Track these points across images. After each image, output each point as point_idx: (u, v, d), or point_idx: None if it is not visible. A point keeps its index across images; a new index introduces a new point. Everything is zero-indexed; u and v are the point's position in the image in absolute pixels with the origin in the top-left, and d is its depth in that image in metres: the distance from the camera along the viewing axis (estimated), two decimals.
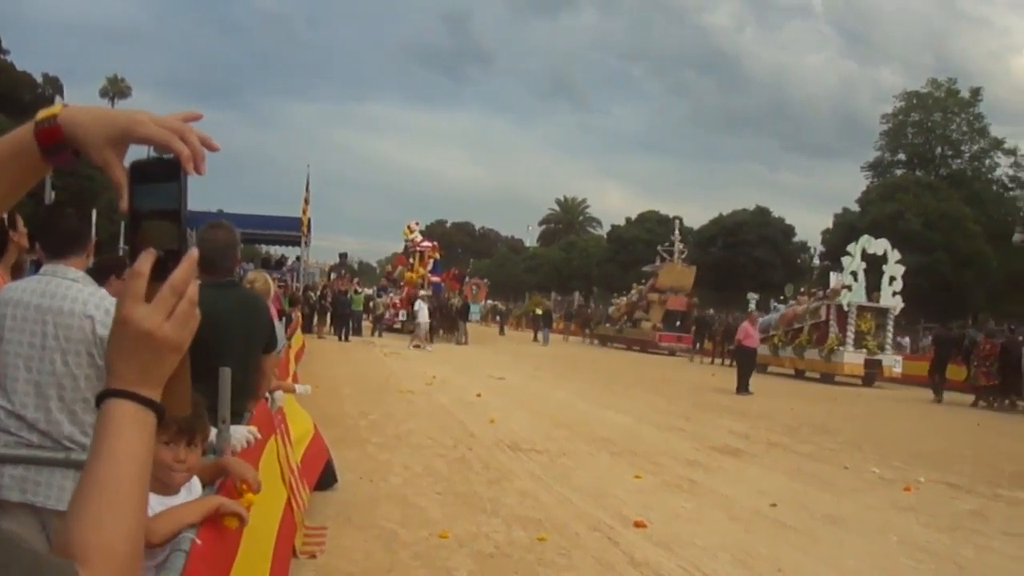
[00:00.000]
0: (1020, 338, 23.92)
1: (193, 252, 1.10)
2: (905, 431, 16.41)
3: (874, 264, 30.47)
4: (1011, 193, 63.46)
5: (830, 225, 60.00)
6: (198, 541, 2.60)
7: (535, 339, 46.27)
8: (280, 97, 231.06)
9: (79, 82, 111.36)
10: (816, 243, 65.08)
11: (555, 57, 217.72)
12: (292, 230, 36.24)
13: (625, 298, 48.00)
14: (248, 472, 3.40)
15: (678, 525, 7.75)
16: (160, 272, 1.08)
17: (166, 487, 3.01)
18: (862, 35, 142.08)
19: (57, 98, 30.91)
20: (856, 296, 29.49)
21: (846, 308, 29.29)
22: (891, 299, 30.01)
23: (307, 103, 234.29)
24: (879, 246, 30.44)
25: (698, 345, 40.55)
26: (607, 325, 48.84)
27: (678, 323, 43.12)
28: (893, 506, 9.26)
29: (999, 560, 7.32)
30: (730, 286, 48.96)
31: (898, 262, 30.27)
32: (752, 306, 33.86)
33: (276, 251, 45.70)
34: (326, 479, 7.98)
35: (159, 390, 1.10)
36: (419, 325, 31.43)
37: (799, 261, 68.20)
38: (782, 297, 36.20)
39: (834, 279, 30.91)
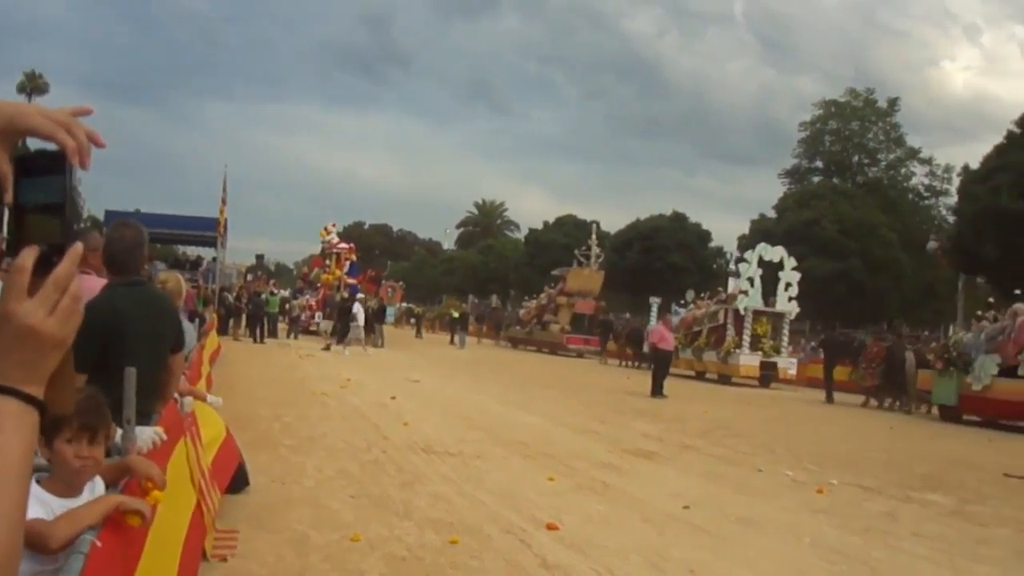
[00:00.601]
0: (929, 346, 24.71)
1: (77, 247, 1.09)
2: (818, 434, 16.73)
3: (773, 271, 31.67)
4: (926, 202, 65.55)
5: (747, 231, 61.02)
6: (98, 543, 2.55)
7: (451, 342, 46.21)
8: (198, 96, 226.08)
9: None
10: (733, 249, 66.27)
11: (475, 60, 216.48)
12: (208, 231, 35.61)
13: (535, 301, 48.35)
14: (153, 469, 3.35)
15: (591, 528, 7.78)
16: (44, 267, 1.06)
17: (69, 487, 2.95)
18: (782, 44, 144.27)
19: None
20: (752, 301, 30.72)
21: (743, 312, 30.46)
22: (787, 304, 31.39)
23: (225, 103, 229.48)
24: (775, 253, 31.83)
25: (602, 347, 41.08)
26: (517, 328, 49.15)
27: (586, 326, 43.68)
28: (806, 508, 9.37)
29: (910, 560, 7.46)
30: (645, 291, 49.45)
31: (795, 268, 31.62)
32: (654, 310, 34.74)
33: (192, 252, 44.94)
34: (238, 482, 7.87)
35: (42, 387, 1.08)
36: (357, 327, 31.19)
37: (715, 267, 69.19)
38: (683, 301, 37.12)
39: (732, 284, 31.86)
